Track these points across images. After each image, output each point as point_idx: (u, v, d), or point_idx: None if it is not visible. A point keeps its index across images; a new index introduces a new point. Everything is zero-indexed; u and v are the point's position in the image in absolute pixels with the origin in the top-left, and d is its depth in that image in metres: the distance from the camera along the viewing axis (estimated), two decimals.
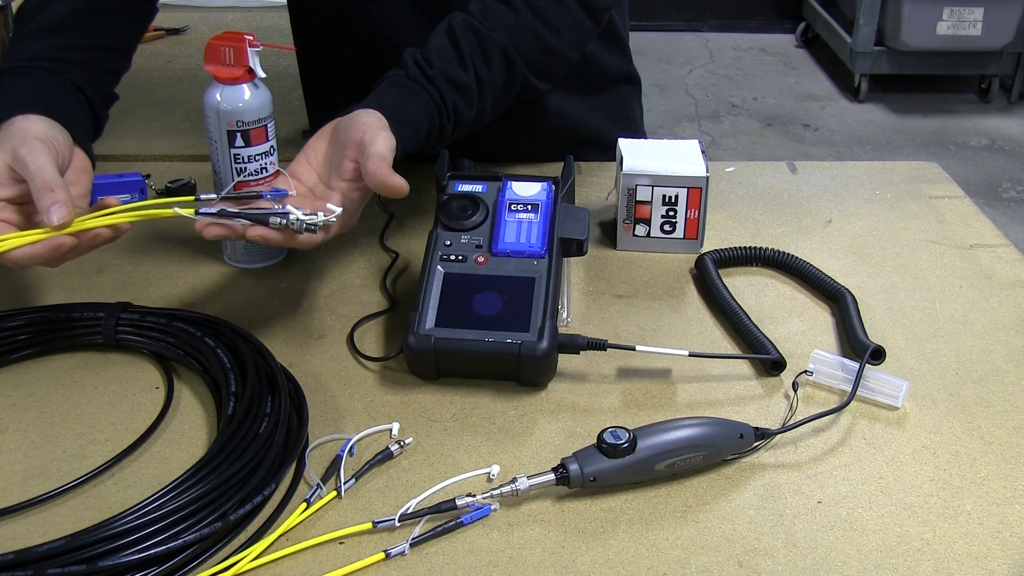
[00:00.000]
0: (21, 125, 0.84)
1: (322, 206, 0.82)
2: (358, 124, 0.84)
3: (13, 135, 0.83)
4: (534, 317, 0.82)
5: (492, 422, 0.80)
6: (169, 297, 0.95)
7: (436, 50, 0.94)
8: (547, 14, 0.98)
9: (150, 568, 0.65)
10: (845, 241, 1.06)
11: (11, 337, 0.86)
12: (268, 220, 0.80)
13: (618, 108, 1.27)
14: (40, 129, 0.84)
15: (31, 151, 0.81)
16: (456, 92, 0.93)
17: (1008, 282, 0.99)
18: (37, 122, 0.85)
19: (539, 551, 0.68)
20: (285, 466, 0.73)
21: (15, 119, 0.85)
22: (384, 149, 0.82)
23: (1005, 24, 3.73)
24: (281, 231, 0.80)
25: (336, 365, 0.87)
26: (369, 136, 0.82)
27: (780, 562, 0.67)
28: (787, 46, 4.58)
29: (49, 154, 0.82)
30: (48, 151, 0.82)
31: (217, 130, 0.92)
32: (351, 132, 0.84)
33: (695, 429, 0.74)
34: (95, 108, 0.95)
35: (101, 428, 0.79)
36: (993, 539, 0.69)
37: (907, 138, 3.72)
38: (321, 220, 0.80)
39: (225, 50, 0.90)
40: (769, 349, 0.86)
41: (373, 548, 0.68)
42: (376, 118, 0.85)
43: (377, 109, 0.87)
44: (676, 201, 1.01)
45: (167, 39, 1.82)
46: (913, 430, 0.79)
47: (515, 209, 0.92)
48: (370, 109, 0.86)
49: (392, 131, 0.85)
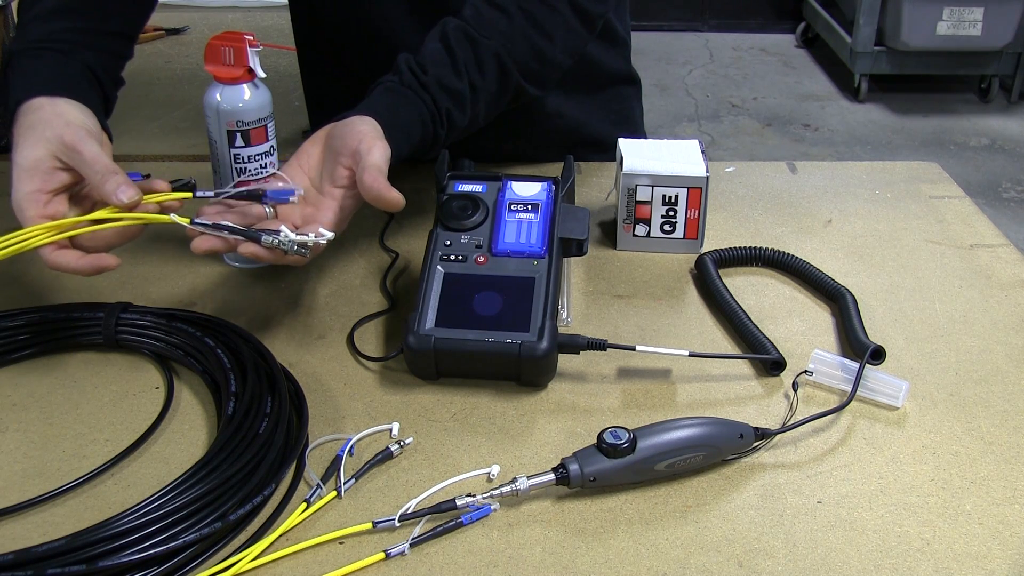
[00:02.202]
0: (54, 110, 0.83)
1: (314, 219, 0.83)
2: (354, 132, 0.84)
3: (50, 123, 0.82)
4: (534, 317, 0.82)
5: (492, 422, 0.80)
6: (169, 297, 0.95)
7: (430, 56, 0.94)
8: (541, 20, 0.98)
9: (150, 568, 0.65)
10: (845, 241, 1.06)
11: (11, 337, 0.86)
12: (260, 238, 0.80)
13: (618, 109, 1.27)
14: (75, 114, 0.84)
15: (80, 139, 0.81)
16: (450, 99, 0.93)
17: (1008, 282, 0.99)
18: (68, 106, 0.84)
19: (539, 551, 0.68)
20: (285, 466, 0.73)
21: (41, 102, 0.84)
22: (380, 160, 0.82)
23: (1005, 24, 3.73)
24: (272, 250, 0.80)
25: (336, 365, 0.87)
26: (365, 146, 0.83)
27: (780, 562, 0.67)
28: (787, 46, 4.58)
29: (97, 139, 0.82)
30: (94, 137, 0.82)
31: (217, 130, 0.92)
32: (346, 139, 0.84)
33: (695, 429, 0.74)
34: (106, 90, 0.94)
35: (101, 428, 0.79)
36: (993, 539, 0.69)
37: (907, 138, 3.72)
38: (311, 241, 0.80)
39: (225, 50, 0.90)
40: (769, 349, 0.86)
41: (373, 548, 0.68)
42: (372, 126, 0.85)
43: (372, 116, 0.87)
44: (676, 201, 1.01)
45: (167, 39, 1.82)
46: (913, 430, 0.79)
47: (515, 209, 0.92)
48: (365, 116, 0.87)
49: (387, 137, 0.86)
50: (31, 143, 0.82)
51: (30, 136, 0.82)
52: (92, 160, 0.80)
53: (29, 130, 0.83)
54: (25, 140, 0.82)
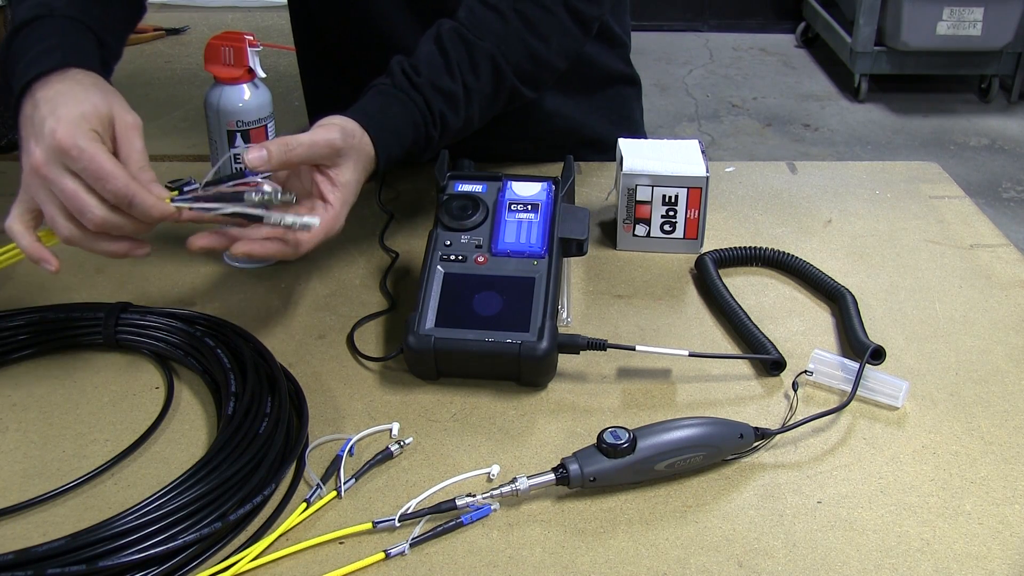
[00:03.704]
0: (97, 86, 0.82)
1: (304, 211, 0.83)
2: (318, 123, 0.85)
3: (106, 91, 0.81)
4: (534, 317, 0.82)
5: (492, 422, 0.80)
6: (169, 297, 0.95)
7: (423, 58, 0.94)
8: (536, 22, 0.98)
9: (150, 568, 0.65)
10: (845, 241, 1.06)
11: (11, 337, 0.86)
12: (243, 197, 0.79)
13: (618, 109, 1.27)
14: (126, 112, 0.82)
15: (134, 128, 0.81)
16: (443, 100, 0.93)
17: (1008, 282, 0.99)
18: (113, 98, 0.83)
19: (539, 551, 0.68)
20: (285, 466, 0.73)
21: (77, 75, 0.82)
22: (306, 135, 0.82)
23: (1005, 24, 3.73)
24: (262, 244, 0.80)
25: (336, 365, 0.87)
26: (313, 127, 0.83)
27: (780, 562, 0.67)
28: (787, 46, 4.58)
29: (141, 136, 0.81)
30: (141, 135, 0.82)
31: (217, 130, 0.92)
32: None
33: (695, 429, 0.74)
34: (109, 58, 0.93)
35: (101, 428, 0.79)
36: (993, 539, 0.69)
37: (907, 138, 3.72)
38: (298, 223, 0.80)
39: (225, 50, 0.90)
40: (769, 349, 0.86)
41: (373, 548, 0.68)
42: (340, 119, 0.85)
43: (362, 118, 0.87)
44: (676, 201, 1.01)
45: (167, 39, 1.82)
46: (913, 430, 0.79)
47: (515, 209, 0.92)
48: (347, 117, 0.87)
49: (377, 140, 0.86)
50: (92, 92, 0.80)
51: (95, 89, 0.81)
52: (138, 155, 0.80)
53: (88, 86, 0.81)
54: (87, 88, 0.81)
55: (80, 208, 0.77)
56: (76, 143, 0.76)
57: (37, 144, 0.77)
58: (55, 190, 0.77)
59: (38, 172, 0.77)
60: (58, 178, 0.76)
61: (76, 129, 0.76)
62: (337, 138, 0.83)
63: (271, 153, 0.80)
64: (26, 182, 0.79)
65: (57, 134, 0.76)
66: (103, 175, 0.76)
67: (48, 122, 0.77)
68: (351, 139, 0.85)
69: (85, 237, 0.79)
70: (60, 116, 0.77)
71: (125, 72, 0.99)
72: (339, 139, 0.83)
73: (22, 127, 0.81)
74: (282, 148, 0.80)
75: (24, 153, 0.79)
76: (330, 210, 0.83)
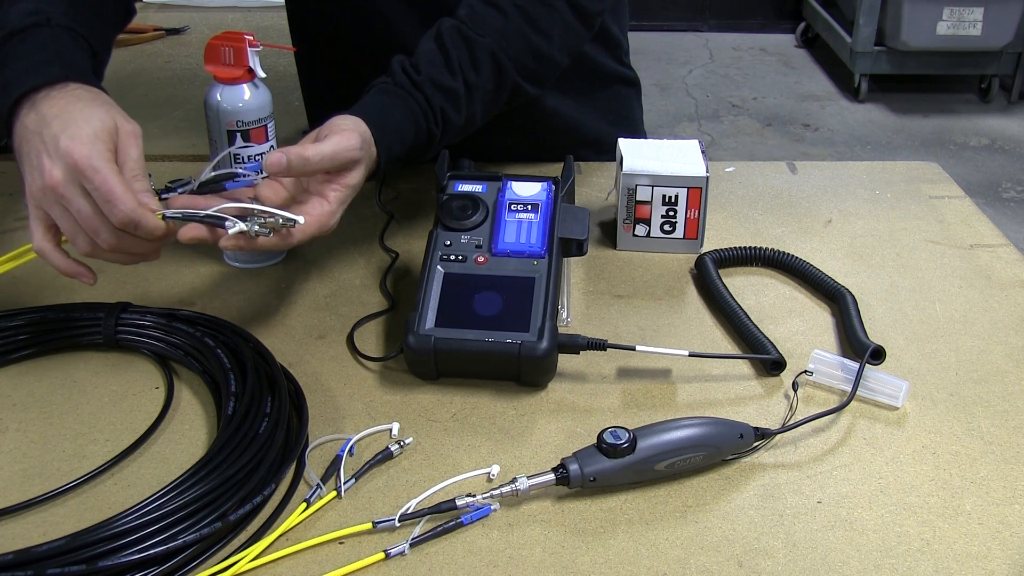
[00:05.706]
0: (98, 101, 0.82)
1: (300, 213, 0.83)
2: (329, 126, 0.85)
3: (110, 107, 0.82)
4: (534, 317, 0.82)
5: (492, 422, 0.80)
6: (169, 297, 0.95)
7: (424, 56, 0.94)
8: (537, 18, 0.98)
9: (150, 568, 0.65)
10: (845, 241, 1.06)
11: (11, 337, 0.86)
12: (224, 224, 0.79)
13: (618, 109, 1.27)
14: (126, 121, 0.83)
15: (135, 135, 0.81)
16: (444, 97, 0.93)
17: (1008, 282, 0.99)
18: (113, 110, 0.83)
19: (539, 551, 0.68)
20: (285, 466, 0.73)
21: (77, 90, 0.82)
22: (327, 147, 0.82)
23: (1005, 24, 3.73)
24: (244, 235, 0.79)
25: (336, 365, 0.87)
26: (324, 132, 0.83)
27: (780, 562, 0.67)
28: (787, 46, 4.57)
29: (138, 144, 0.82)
30: (140, 144, 0.82)
31: (217, 130, 0.92)
32: (321, 133, 0.84)
33: (695, 429, 0.74)
34: (100, 67, 0.93)
35: (101, 428, 0.79)
36: (993, 539, 0.69)
37: (907, 138, 3.72)
38: (280, 220, 0.79)
39: (225, 50, 0.90)
40: (769, 349, 0.86)
41: (373, 548, 0.68)
42: (352, 123, 0.85)
43: (362, 116, 0.87)
44: (676, 201, 1.01)
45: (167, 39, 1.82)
46: (913, 430, 0.79)
47: (515, 209, 0.92)
48: (350, 116, 0.86)
49: (378, 138, 0.86)
50: (95, 108, 0.81)
51: (98, 104, 0.81)
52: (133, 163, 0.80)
53: (89, 101, 0.82)
54: (91, 104, 0.81)
55: (94, 230, 0.78)
56: (91, 163, 0.77)
57: (52, 162, 0.78)
58: (71, 209, 0.78)
59: (55, 191, 0.78)
60: (74, 198, 0.78)
61: (92, 149, 0.77)
62: (356, 148, 0.84)
63: (290, 161, 0.80)
64: (39, 198, 0.79)
65: (74, 154, 0.77)
66: (112, 198, 0.77)
67: (62, 140, 0.77)
68: (369, 147, 0.86)
69: (103, 252, 0.80)
70: (74, 135, 0.78)
71: (125, 72, 1.00)
72: (358, 149, 0.84)
73: (22, 139, 0.81)
74: (301, 160, 0.81)
75: (34, 169, 0.79)
76: (326, 207, 0.83)
